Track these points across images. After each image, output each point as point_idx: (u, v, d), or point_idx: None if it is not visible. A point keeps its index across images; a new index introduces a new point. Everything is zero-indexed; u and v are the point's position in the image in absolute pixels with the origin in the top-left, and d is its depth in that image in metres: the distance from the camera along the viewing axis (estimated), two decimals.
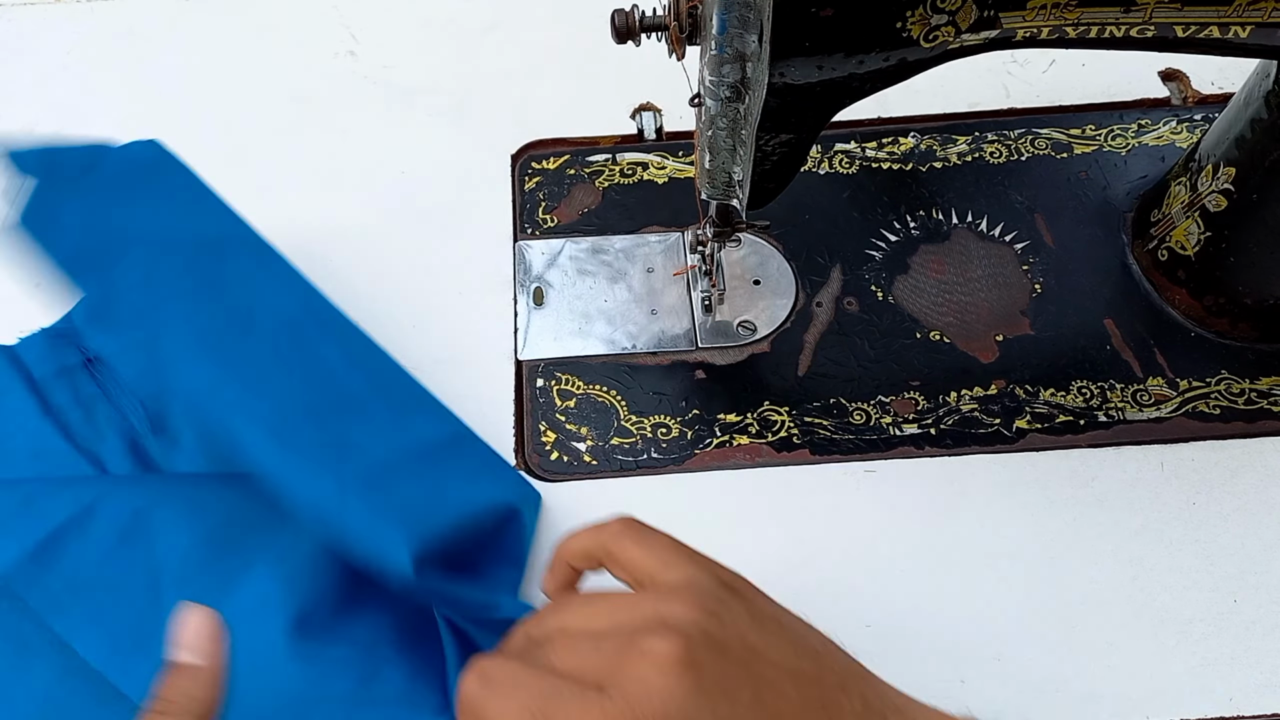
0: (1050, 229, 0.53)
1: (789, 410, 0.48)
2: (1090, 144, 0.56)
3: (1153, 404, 0.48)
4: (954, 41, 0.35)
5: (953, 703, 0.41)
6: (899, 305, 0.51)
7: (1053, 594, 0.43)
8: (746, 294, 0.52)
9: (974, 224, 0.54)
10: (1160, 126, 0.57)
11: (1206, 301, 0.49)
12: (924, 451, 0.47)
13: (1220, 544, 0.44)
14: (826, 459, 0.47)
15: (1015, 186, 0.55)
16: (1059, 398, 0.48)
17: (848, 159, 0.57)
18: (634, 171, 0.57)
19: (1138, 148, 0.56)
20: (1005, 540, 0.45)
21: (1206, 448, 0.47)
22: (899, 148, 0.57)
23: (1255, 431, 0.47)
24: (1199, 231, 0.48)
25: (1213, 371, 0.49)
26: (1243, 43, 0.36)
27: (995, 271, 0.52)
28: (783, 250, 0.53)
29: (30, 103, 0.59)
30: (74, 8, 0.65)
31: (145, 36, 0.62)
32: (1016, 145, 0.57)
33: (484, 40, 0.63)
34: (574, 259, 0.53)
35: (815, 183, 0.56)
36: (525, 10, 0.64)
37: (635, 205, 0.55)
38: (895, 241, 0.53)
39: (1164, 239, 0.50)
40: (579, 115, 0.59)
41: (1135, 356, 0.49)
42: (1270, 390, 0.48)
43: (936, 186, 0.55)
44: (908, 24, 0.33)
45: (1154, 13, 0.35)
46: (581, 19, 0.63)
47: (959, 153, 0.56)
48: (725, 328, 0.51)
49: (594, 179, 0.56)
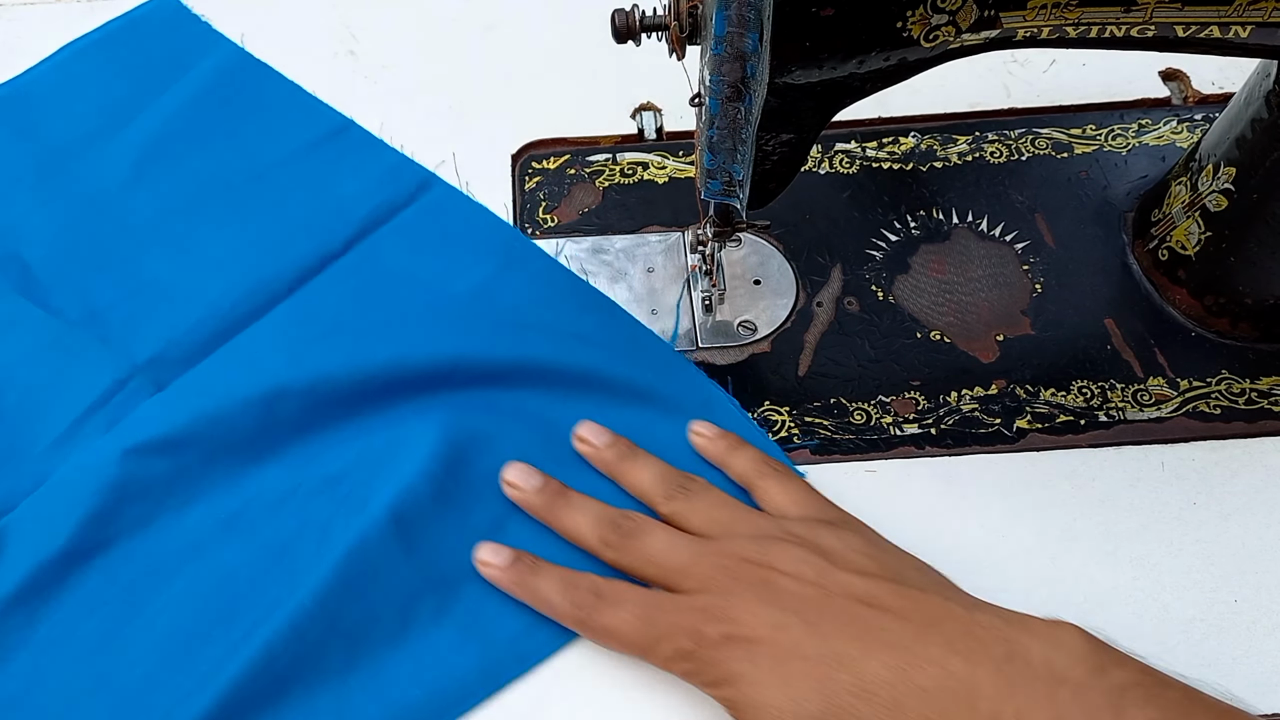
0: (1051, 229, 0.53)
1: (789, 410, 0.48)
2: (1091, 144, 0.56)
3: (1153, 404, 0.48)
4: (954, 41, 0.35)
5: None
6: (899, 305, 0.51)
7: (1053, 594, 0.43)
8: (747, 294, 0.52)
9: (974, 224, 0.54)
10: (1161, 126, 0.57)
11: (1207, 301, 0.49)
12: (924, 451, 0.47)
13: (1221, 544, 0.44)
14: (827, 459, 0.47)
15: (1016, 186, 0.55)
16: (1059, 397, 0.48)
17: (848, 159, 0.57)
18: (634, 171, 0.57)
19: (1138, 147, 0.56)
20: (1006, 540, 0.45)
21: (1207, 448, 0.47)
22: (899, 147, 0.57)
23: (1256, 431, 0.47)
24: (1199, 231, 0.48)
25: (1213, 371, 0.49)
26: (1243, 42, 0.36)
27: (996, 271, 0.52)
28: (783, 250, 0.53)
29: None
30: (74, 7, 0.65)
31: None
32: (1017, 145, 0.57)
33: (484, 40, 0.63)
34: (574, 259, 0.53)
35: (815, 183, 0.56)
36: (525, 10, 0.64)
37: (636, 205, 0.55)
38: (896, 241, 0.53)
39: (1164, 239, 0.50)
40: (579, 115, 0.59)
41: (1136, 356, 0.49)
42: (1271, 390, 0.48)
43: (937, 186, 0.55)
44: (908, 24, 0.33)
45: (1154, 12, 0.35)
46: (581, 19, 0.63)
47: (959, 152, 0.56)
48: (725, 328, 0.51)
49: (594, 179, 0.56)
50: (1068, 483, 0.46)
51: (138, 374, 0.48)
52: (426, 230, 0.53)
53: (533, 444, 0.46)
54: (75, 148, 0.56)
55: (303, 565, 0.42)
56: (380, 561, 0.42)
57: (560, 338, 0.48)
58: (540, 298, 0.50)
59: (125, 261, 0.52)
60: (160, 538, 0.44)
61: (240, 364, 0.48)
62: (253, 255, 0.52)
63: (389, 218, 0.53)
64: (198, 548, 0.43)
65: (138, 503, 0.44)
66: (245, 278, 0.51)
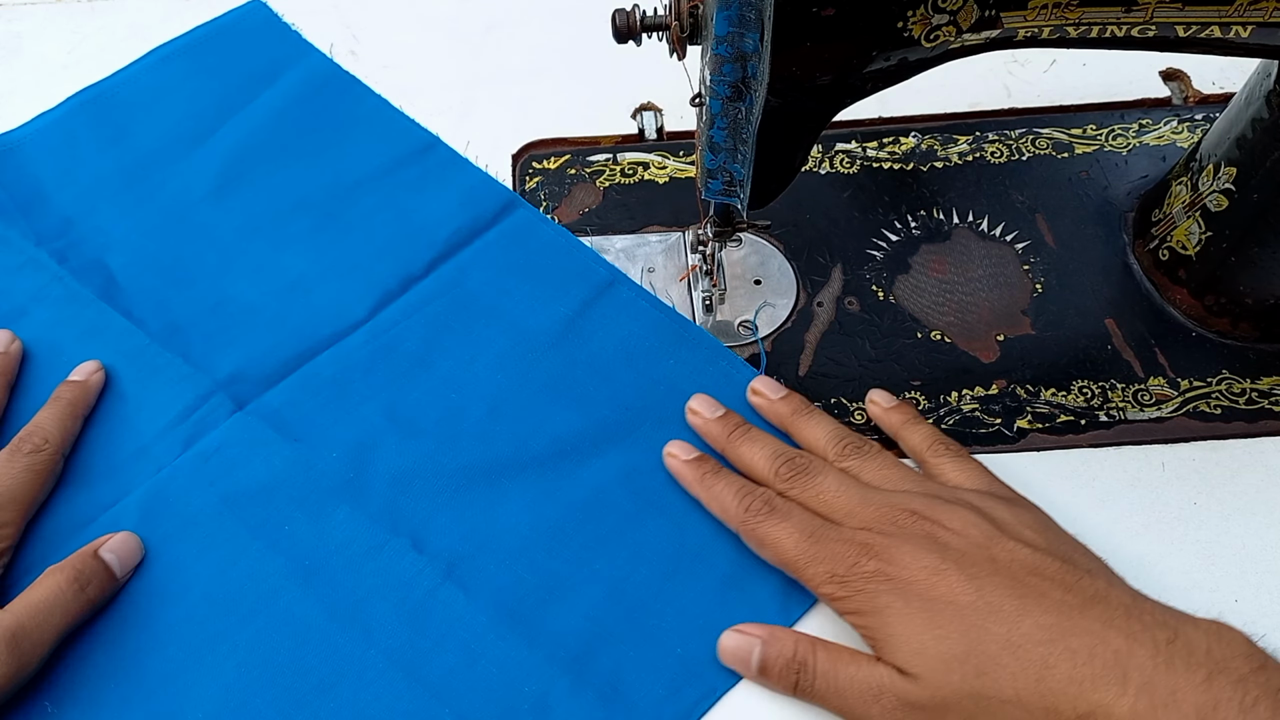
0: (1051, 229, 0.53)
1: None
2: (1091, 144, 0.56)
3: (1154, 404, 0.48)
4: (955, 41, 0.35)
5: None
6: (900, 305, 0.51)
7: None
8: (747, 294, 0.52)
9: (975, 224, 0.54)
10: (1161, 126, 0.57)
11: (1207, 301, 0.49)
12: None
13: (1221, 544, 0.44)
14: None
15: (1016, 186, 0.55)
16: (1060, 397, 0.48)
17: (848, 159, 0.57)
18: (635, 171, 0.57)
19: (1139, 147, 0.56)
20: None
21: (1208, 448, 0.47)
22: (900, 147, 0.57)
23: (1256, 431, 0.47)
24: (1200, 231, 0.48)
25: (1214, 371, 0.48)
26: (1244, 42, 0.36)
27: (996, 271, 0.52)
28: (783, 250, 0.53)
29: (30, 103, 0.59)
30: (74, 7, 0.65)
31: (145, 36, 0.61)
32: (1017, 145, 0.57)
33: (484, 40, 0.63)
34: None
35: (816, 183, 0.56)
36: (525, 10, 0.64)
37: (636, 205, 0.55)
38: (896, 241, 0.53)
39: (1165, 239, 0.50)
40: (579, 115, 0.59)
41: (1136, 356, 0.49)
42: (1271, 390, 0.48)
43: (937, 186, 0.55)
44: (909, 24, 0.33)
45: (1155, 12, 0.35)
46: (582, 19, 0.63)
47: (960, 152, 0.56)
48: (726, 328, 0.51)
49: (595, 179, 0.56)
50: (1068, 483, 0.46)
51: (218, 390, 0.48)
52: (509, 255, 0.52)
53: (623, 500, 0.45)
54: (161, 156, 0.56)
55: (377, 623, 0.42)
56: (498, 652, 0.41)
57: (649, 383, 0.48)
58: (626, 335, 0.50)
59: (207, 277, 0.52)
60: (241, 580, 0.43)
61: (331, 402, 0.48)
62: (334, 276, 0.52)
63: (471, 240, 0.53)
64: (275, 594, 0.43)
65: (224, 545, 0.44)
66: (326, 298, 0.51)
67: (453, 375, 0.48)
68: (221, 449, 0.46)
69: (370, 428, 0.47)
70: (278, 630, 0.42)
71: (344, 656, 0.41)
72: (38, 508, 0.44)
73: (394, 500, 0.45)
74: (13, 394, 0.48)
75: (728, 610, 0.42)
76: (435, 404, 0.47)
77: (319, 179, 0.55)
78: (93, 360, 0.48)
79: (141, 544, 0.44)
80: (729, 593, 0.42)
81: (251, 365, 0.49)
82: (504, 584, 0.43)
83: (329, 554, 0.43)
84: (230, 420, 0.47)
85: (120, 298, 0.51)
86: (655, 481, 0.45)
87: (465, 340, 0.49)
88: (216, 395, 0.48)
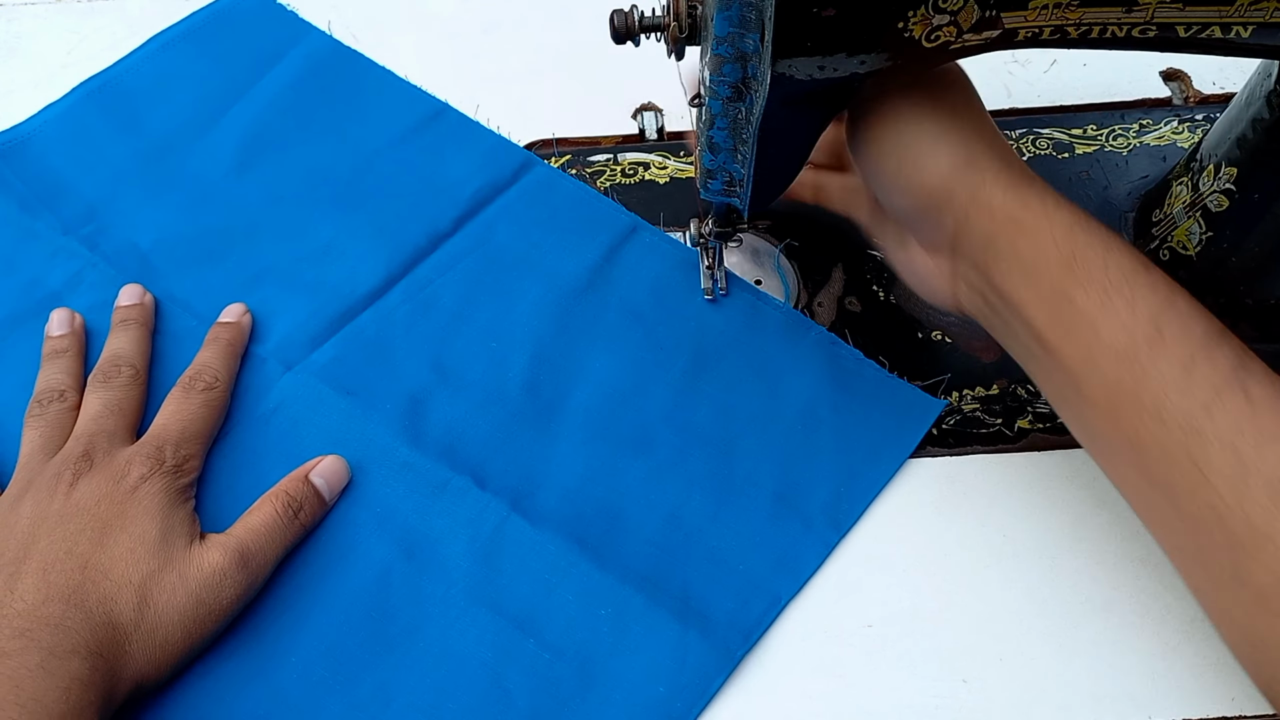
0: None
1: None
2: (1091, 144, 0.56)
3: None
4: (955, 41, 0.35)
5: (955, 703, 0.41)
6: (900, 305, 0.51)
7: (1055, 594, 0.43)
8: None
9: None
10: (1161, 126, 0.57)
11: (1207, 302, 0.49)
12: (925, 451, 0.47)
13: None
14: None
15: None
16: None
17: None
18: (635, 171, 0.57)
19: (1139, 148, 0.56)
20: (1007, 540, 0.45)
21: None
22: None
23: None
24: (1200, 231, 0.48)
25: None
26: (1244, 42, 0.36)
27: None
28: (783, 250, 0.53)
29: (30, 103, 0.59)
30: (74, 7, 0.65)
31: (144, 36, 0.61)
32: (1018, 145, 0.57)
33: (484, 40, 0.63)
34: None
35: None
36: (525, 10, 0.64)
37: (637, 205, 0.55)
38: None
39: (1165, 239, 0.50)
40: (580, 115, 0.59)
41: None
42: None
43: None
44: (909, 24, 0.33)
45: (1156, 12, 0.35)
46: (581, 19, 0.63)
47: None
48: None
49: (595, 179, 0.56)
50: (1068, 483, 0.46)
51: (269, 358, 0.49)
52: (533, 209, 0.54)
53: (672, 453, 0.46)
54: (177, 138, 0.57)
55: (454, 563, 0.43)
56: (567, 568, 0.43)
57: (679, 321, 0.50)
58: (654, 278, 0.51)
59: (239, 251, 0.53)
60: (319, 531, 0.44)
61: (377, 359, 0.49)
62: (364, 237, 0.53)
63: (494, 197, 0.54)
64: (354, 542, 0.44)
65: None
66: (359, 259, 0.52)
67: (492, 326, 0.50)
68: (280, 408, 0.47)
69: (419, 381, 0.48)
70: (361, 576, 0.43)
71: (426, 597, 0.42)
72: (212, 442, 0.46)
73: (450, 446, 0.46)
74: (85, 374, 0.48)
75: (780, 525, 0.44)
76: (479, 355, 0.49)
77: (336, 149, 0.56)
78: (239, 303, 0.50)
79: (348, 467, 0.45)
80: (779, 508, 0.45)
81: (295, 330, 0.50)
82: (567, 516, 0.44)
83: (399, 499, 0.45)
84: (283, 380, 0.48)
85: (157, 278, 0.51)
86: (698, 417, 0.47)
87: (500, 292, 0.51)
88: (268, 363, 0.49)
